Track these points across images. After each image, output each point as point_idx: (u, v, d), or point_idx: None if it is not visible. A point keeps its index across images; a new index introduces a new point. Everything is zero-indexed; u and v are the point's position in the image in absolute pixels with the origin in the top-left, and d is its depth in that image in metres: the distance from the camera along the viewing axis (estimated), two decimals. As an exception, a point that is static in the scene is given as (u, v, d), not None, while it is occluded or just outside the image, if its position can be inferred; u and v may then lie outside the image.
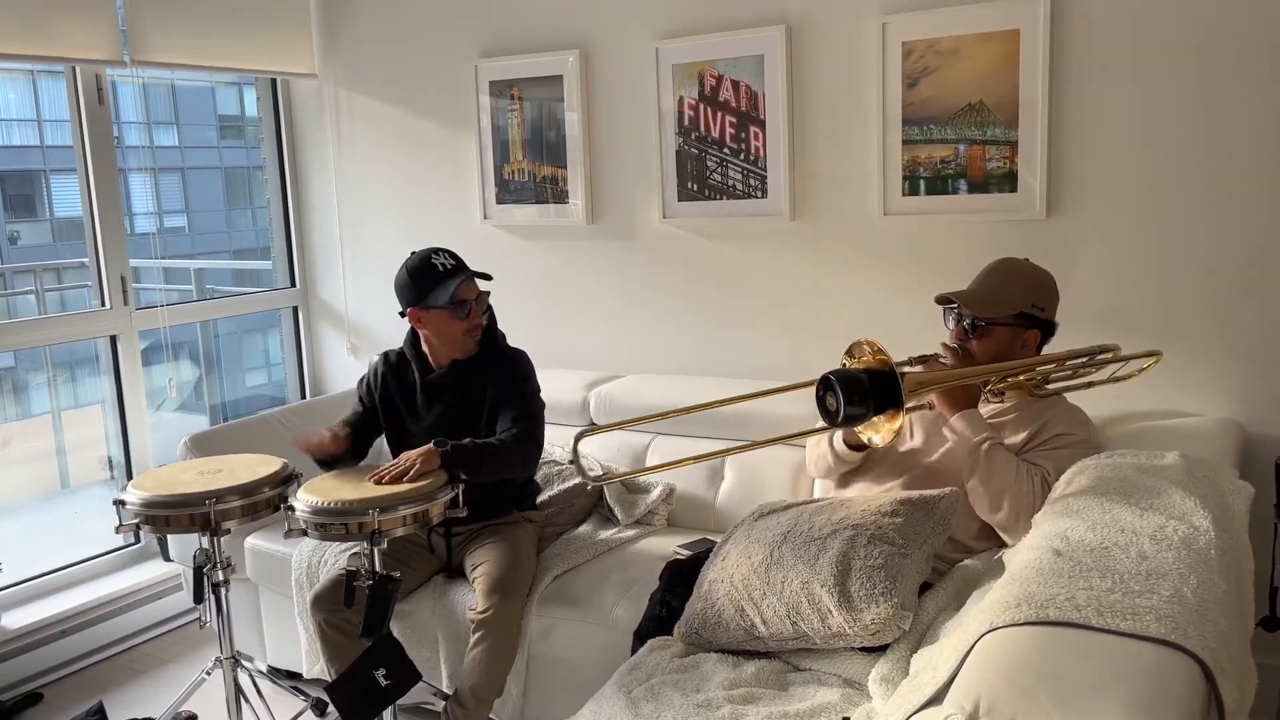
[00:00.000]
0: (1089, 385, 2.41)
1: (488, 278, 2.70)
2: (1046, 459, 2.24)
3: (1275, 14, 2.45)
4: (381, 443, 2.86)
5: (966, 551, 2.27)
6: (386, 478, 2.44)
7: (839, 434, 2.40)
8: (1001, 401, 2.37)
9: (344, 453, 2.72)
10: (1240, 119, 2.53)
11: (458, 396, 2.72)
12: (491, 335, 2.79)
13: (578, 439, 2.11)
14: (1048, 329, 2.37)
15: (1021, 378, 2.31)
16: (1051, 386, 2.38)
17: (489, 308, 2.81)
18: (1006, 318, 2.32)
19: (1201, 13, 2.53)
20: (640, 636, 2.34)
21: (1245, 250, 2.57)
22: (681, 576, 2.37)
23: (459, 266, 2.68)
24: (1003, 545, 2.23)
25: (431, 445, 2.50)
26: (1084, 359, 2.37)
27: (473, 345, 2.72)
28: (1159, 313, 2.69)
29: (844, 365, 2.05)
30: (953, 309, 2.37)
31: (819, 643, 2.03)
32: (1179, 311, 2.67)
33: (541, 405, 2.76)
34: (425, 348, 2.75)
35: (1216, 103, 2.55)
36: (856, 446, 2.40)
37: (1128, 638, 1.45)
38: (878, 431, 2.03)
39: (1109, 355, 2.40)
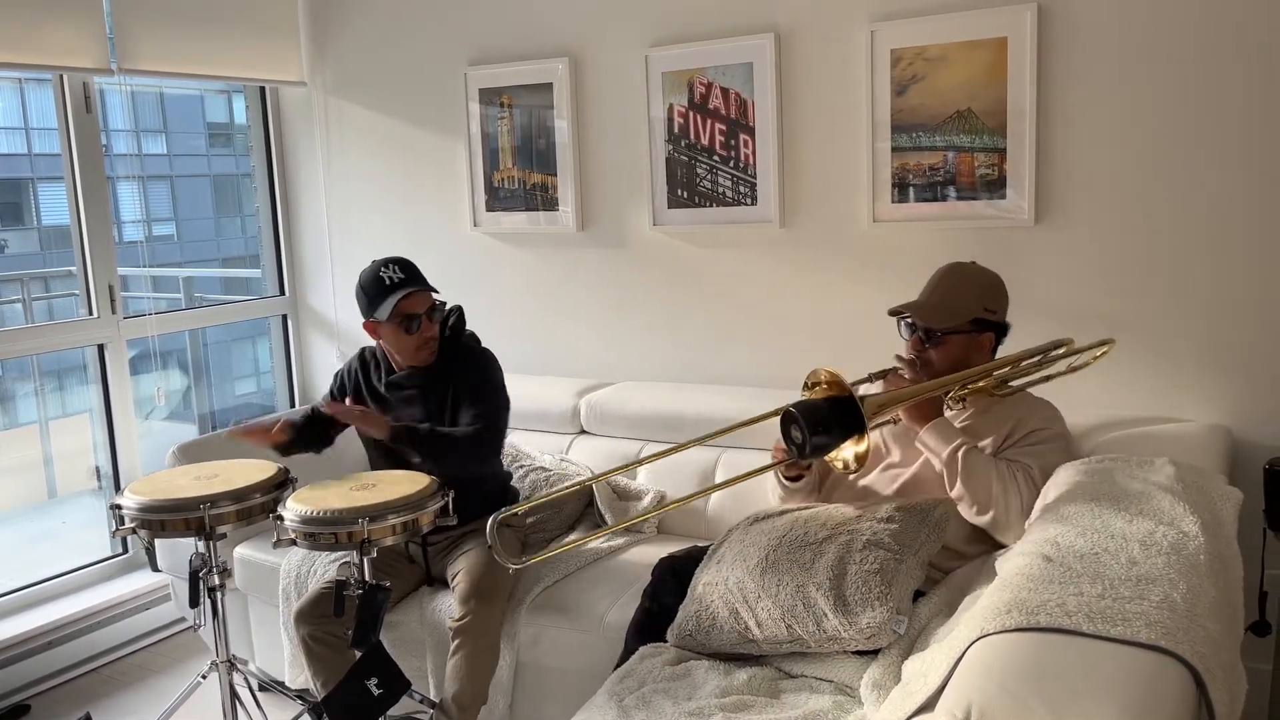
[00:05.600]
0: (1048, 379, 2.43)
1: (434, 290, 2.67)
2: (1026, 455, 2.25)
3: (1262, 20, 2.47)
4: (350, 440, 2.88)
5: (960, 557, 2.27)
6: (333, 408, 2.58)
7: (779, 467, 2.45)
8: (965, 407, 2.38)
9: (290, 441, 2.74)
10: (1228, 126, 2.54)
11: (420, 397, 2.73)
12: (456, 338, 2.78)
13: (494, 525, 1.98)
14: (1001, 330, 2.40)
15: (981, 383, 2.32)
16: (1013, 384, 2.41)
17: (456, 311, 2.79)
18: (961, 325, 2.33)
19: (1189, 19, 2.54)
20: (632, 631, 2.36)
21: (1234, 256, 2.58)
22: (673, 572, 2.38)
23: (406, 280, 2.64)
24: (996, 547, 2.22)
25: (387, 418, 2.56)
26: (1039, 356, 2.40)
27: (427, 356, 2.71)
28: (1147, 319, 2.70)
29: (804, 397, 2.06)
30: (906, 320, 2.38)
31: (813, 646, 2.03)
32: (1167, 318, 2.68)
33: (502, 403, 2.73)
34: (388, 355, 2.77)
35: (1204, 109, 2.56)
36: (793, 478, 2.45)
37: (1118, 644, 1.45)
38: (846, 456, 2.05)
39: (1062, 350, 2.42)
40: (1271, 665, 2.48)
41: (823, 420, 1.97)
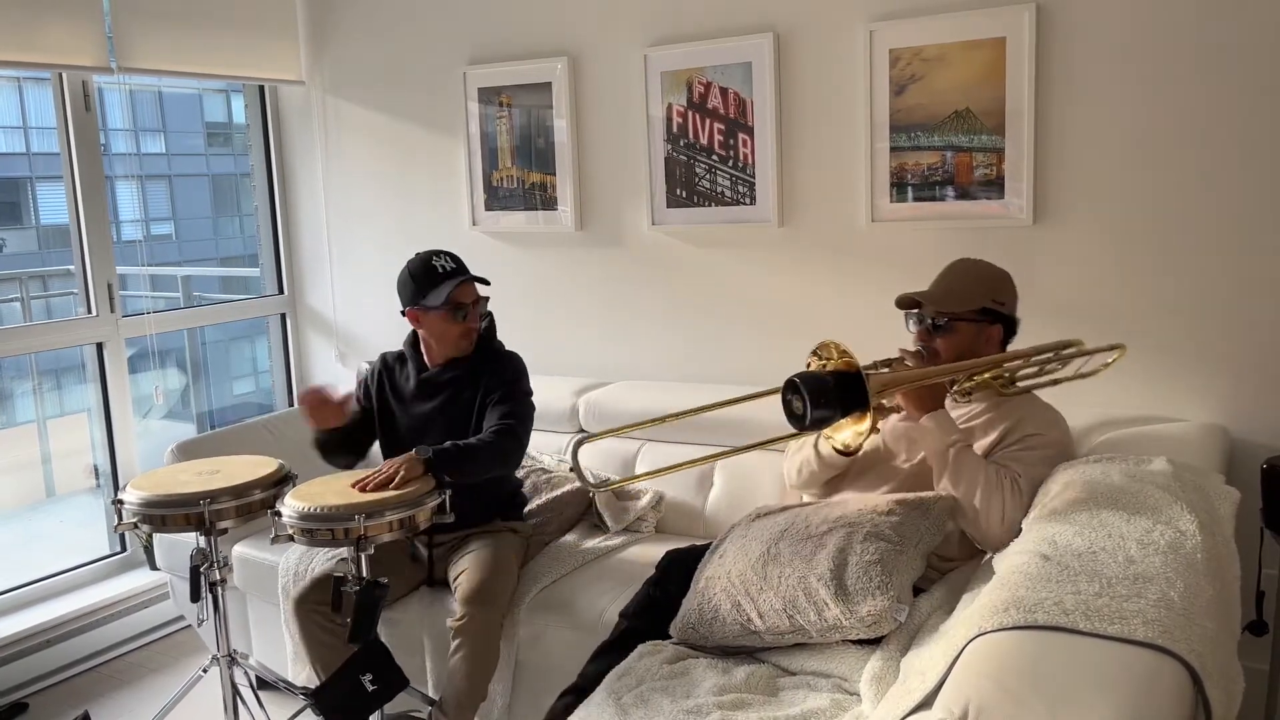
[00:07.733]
0: (1055, 383, 2.38)
1: (485, 282, 2.74)
2: (1015, 460, 2.21)
3: (1261, 21, 2.47)
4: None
5: (956, 560, 2.27)
6: (370, 484, 2.43)
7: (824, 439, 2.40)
8: (970, 402, 2.35)
9: (342, 430, 2.74)
10: (1225, 125, 2.55)
11: (451, 394, 2.74)
12: (489, 338, 2.84)
13: (576, 447, 2.14)
14: (1010, 325, 2.36)
15: (988, 375, 2.28)
16: (1020, 384, 2.36)
17: (488, 313, 2.85)
18: (969, 313, 2.30)
19: (1187, 19, 2.55)
20: (625, 616, 2.36)
21: (1231, 255, 2.58)
22: (678, 564, 2.39)
23: (458, 269, 2.73)
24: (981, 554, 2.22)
25: (413, 453, 2.51)
26: (1049, 354, 2.36)
27: (468, 346, 2.76)
28: (1145, 319, 2.70)
29: (809, 366, 2.05)
30: (913, 312, 2.36)
31: (815, 636, 2.03)
32: (1165, 317, 2.68)
33: (530, 408, 2.77)
34: (423, 346, 2.80)
35: (1202, 108, 2.56)
36: (845, 451, 2.39)
37: (1115, 642, 1.45)
38: (845, 433, 2.03)
39: (1073, 350, 2.38)
40: (1268, 665, 2.48)
41: (826, 393, 1.92)
